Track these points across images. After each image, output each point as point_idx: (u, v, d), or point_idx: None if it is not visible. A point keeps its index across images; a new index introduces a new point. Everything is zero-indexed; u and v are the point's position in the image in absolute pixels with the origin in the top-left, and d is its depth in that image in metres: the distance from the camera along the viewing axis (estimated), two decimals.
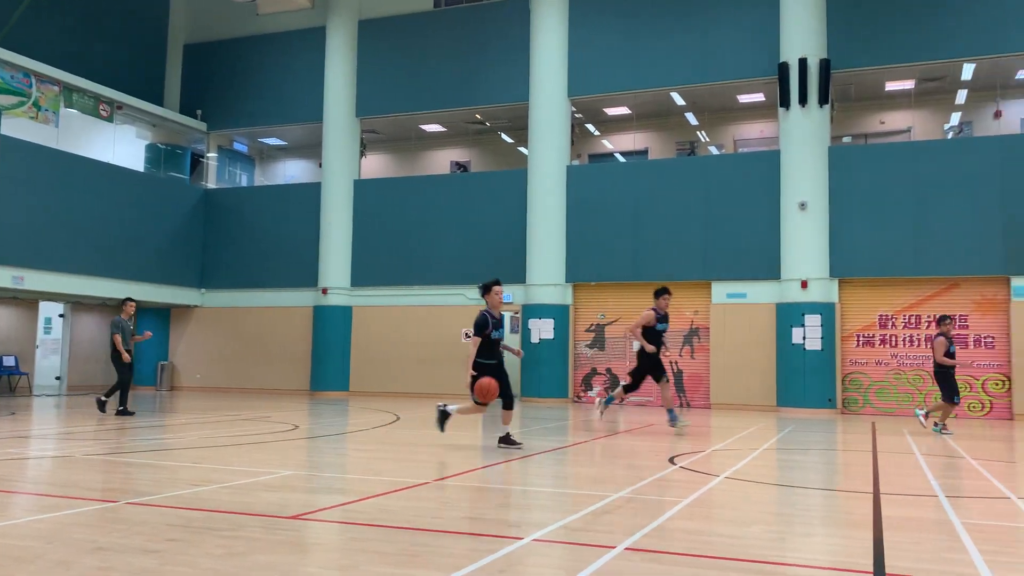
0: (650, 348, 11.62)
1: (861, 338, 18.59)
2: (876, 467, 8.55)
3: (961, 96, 20.74)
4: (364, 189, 23.45)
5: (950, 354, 12.72)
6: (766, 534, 5.15)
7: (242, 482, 6.64)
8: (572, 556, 4.47)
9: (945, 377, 12.76)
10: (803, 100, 18.72)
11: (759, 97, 21.17)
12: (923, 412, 13.22)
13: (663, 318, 11.83)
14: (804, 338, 18.28)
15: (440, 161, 26.17)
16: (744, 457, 9.16)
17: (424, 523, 5.13)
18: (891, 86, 20.88)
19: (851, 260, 18.42)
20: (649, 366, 11.79)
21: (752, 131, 23.14)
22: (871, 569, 4.20)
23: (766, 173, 19.23)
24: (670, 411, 11.88)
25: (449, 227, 22.13)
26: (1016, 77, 19.88)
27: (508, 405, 9.53)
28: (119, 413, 13.65)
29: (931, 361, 13.33)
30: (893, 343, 18.36)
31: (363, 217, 23.17)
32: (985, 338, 17.63)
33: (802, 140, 18.79)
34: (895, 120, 22.05)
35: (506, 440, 9.53)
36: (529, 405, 19.46)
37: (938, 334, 12.90)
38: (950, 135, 21.40)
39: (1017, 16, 17.69)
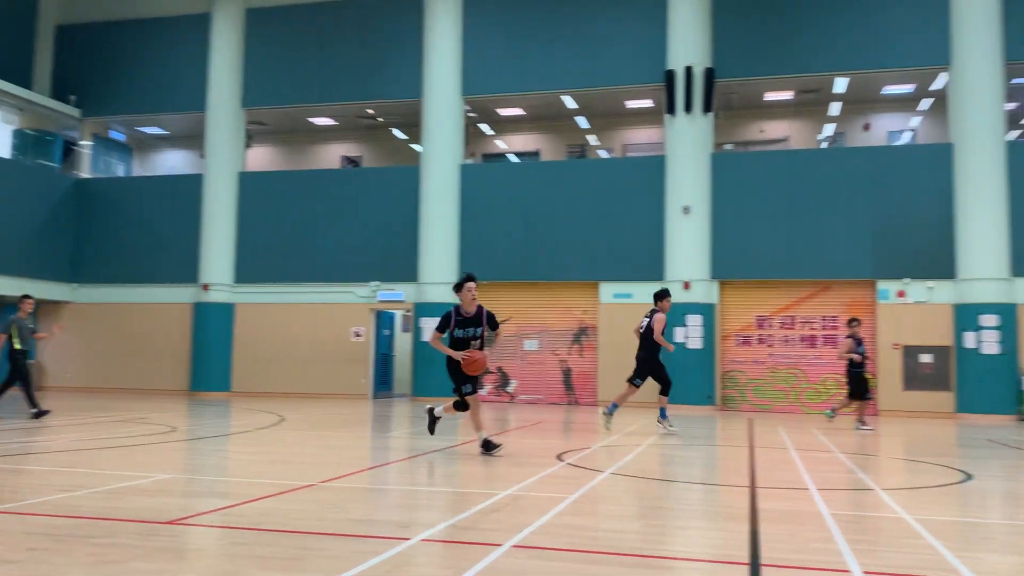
0: (671, 347, 11.85)
1: (739, 338, 19.35)
2: (753, 462, 8.91)
3: (834, 108, 21.89)
4: (249, 182, 22.76)
5: (859, 354, 13.66)
6: (649, 528, 5.28)
7: (116, 487, 6.32)
8: (460, 555, 4.47)
9: (852, 376, 13.77)
10: (688, 107, 19.33)
11: (647, 103, 21.73)
12: (831, 411, 14.17)
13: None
14: (686, 337, 18.88)
15: (330, 155, 25.70)
16: (629, 453, 9.37)
17: (308, 526, 5.02)
18: (770, 96, 21.83)
19: (731, 263, 19.14)
20: (652, 365, 11.82)
21: (640, 136, 23.73)
22: (747, 560, 4.37)
23: (652, 177, 19.75)
24: (615, 404, 12.01)
25: (339, 223, 21.75)
26: (882, 92, 21.13)
27: (463, 407, 9.12)
28: None
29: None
30: (769, 343, 19.19)
31: (248, 211, 22.49)
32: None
33: (687, 146, 19.41)
34: (774, 129, 23.05)
35: (432, 422, 9.47)
36: (420, 404, 19.36)
37: (847, 335, 13.89)
38: (824, 145, 22.54)
39: (883, 36, 18.78)
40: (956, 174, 18.05)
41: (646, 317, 12.10)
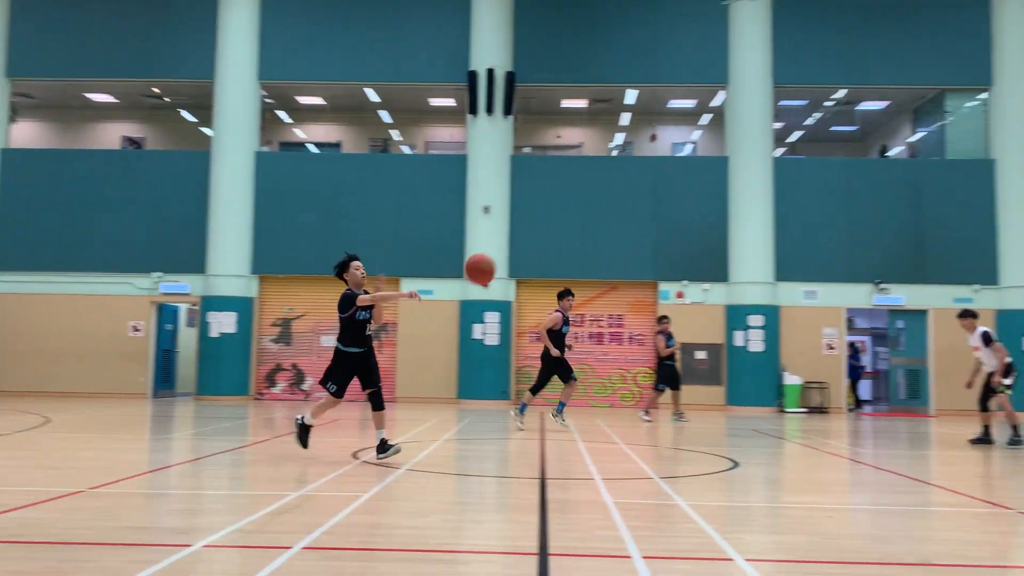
0: (556, 352, 11.79)
1: (534, 335, 19.95)
2: (543, 454, 9.21)
3: (624, 118, 23.11)
4: (13, 160, 20.60)
5: (669, 347, 14.81)
6: (443, 523, 5.32)
7: None
8: (246, 560, 4.28)
9: (665, 368, 14.90)
10: (490, 109, 19.69)
11: (450, 102, 21.89)
12: (643, 413, 14.98)
13: (567, 320, 12.03)
14: (484, 334, 19.24)
15: (109, 135, 23.76)
16: (425, 448, 9.40)
17: (76, 536, 4.61)
18: (567, 103, 22.69)
19: (528, 262, 19.71)
20: (556, 367, 11.99)
21: (443, 134, 23.88)
22: (536, 550, 4.50)
23: (454, 175, 19.93)
24: (561, 404, 12.36)
25: (117, 209, 20.16)
26: (668, 105, 22.57)
27: (377, 405, 8.01)
28: None
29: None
30: None
31: (11, 192, 20.33)
32: (637, 336, 19.80)
33: (488, 147, 19.76)
34: (570, 135, 23.98)
35: (383, 448, 7.92)
36: (206, 403, 18.40)
37: (658, 331, 15.03)
38: (614, 153, 23.75)
39: (669, 53, 20.03)
40: (730, 185, 19.62)
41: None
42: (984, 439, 11.23)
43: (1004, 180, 19.24)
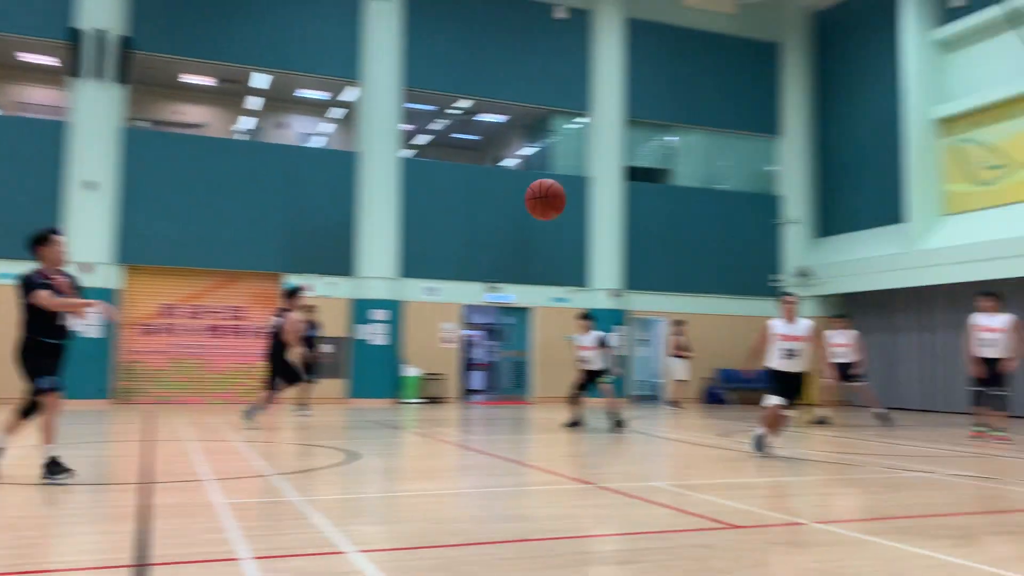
0: (296, 348, 12.02)
1: (143, 327, 18.36)
2: (149, 457, 8.49)
3: (253, 102, 22.22)
4: None
5: (311, 336, 14.95)
6: (17, 541, 4.63)
7: None
8: None
9: (304, 358, 15.03)
10: (98, 74, 17.69)
11: (50, 60, 19.28)
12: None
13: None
14: (84, 326, 17.22)
15: None
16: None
17: None
18: (190, 79, 21.23)
19: (140, 247, 18.03)
20: (282, 368, 12.22)
21: (39, 96, 20.96)
22: (132, 562, 4.09)
23: (50, 145, 17.55)
24: (254, 408, 12.19)
25: None
26: (299, 94, 22.19)
27: (31, 410, 6.74)
28: None
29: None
30: (173, 332, 18.59)
31: None
32: (259, 329, 19.10)
33: (94, 116, 17.71)
34: (193, 113, 22.48)
35: (54, 467, 6.61)
36: None
37: (305, 320, 14.90)
38: (241, 137, 22.74)
39: (300, 41, 19.57)
40: (360, 181, 19.80)
41: (275, 316, 12.43)
42: (576, 423, 12.72)
43: (596, 195, 21.81)
